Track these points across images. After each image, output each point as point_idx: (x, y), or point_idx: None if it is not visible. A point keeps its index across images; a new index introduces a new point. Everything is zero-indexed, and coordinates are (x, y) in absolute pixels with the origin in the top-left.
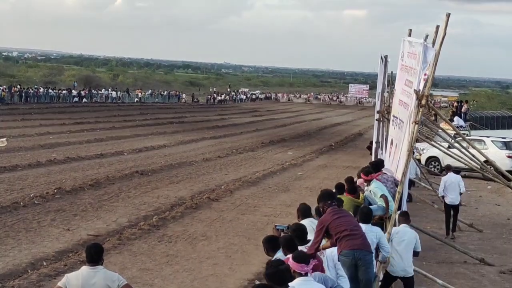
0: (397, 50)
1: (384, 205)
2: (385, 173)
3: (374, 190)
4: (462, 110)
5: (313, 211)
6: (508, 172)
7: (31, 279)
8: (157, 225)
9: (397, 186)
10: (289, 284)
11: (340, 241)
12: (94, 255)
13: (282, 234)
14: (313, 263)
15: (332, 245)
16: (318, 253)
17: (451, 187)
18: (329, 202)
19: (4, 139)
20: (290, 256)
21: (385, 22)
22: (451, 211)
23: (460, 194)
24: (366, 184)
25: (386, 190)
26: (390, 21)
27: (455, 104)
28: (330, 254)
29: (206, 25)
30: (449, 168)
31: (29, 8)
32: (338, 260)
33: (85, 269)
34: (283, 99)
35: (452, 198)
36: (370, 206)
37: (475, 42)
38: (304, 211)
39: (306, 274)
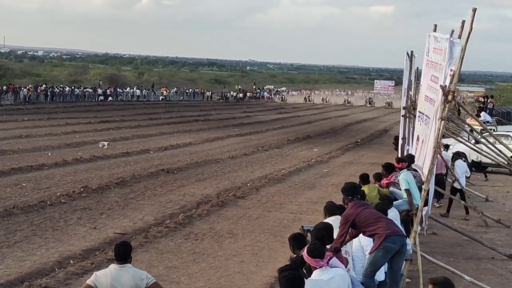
0: (424, 46)
1: (408, 199)
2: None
3: (401, 181)
4: (488, 105)
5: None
6: None
7: (59, 277)
8: (183, 223)
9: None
10: (309, 278)
11: (381, 229)
12: (123, 253)
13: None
14: (328, 256)
15: (352, 237)
16: (344, 254)
17: (461, 173)
18: (350, 197)
19: (106, 143)
20: (304, 250)
21: (412, 18)
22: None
23: (467, 178)
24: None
25: (414, 183)
26: (417, 16)
27: (481, 99)
28: (361, 250)
29: (232, 23)
30: (459, 155)
31: (55, 8)
32: (380, 247)
33: (113, 267)
34: (276, 99)
35: (462, 182)
36: (396, 202)
37: (501, 37)
38: (331, 209)
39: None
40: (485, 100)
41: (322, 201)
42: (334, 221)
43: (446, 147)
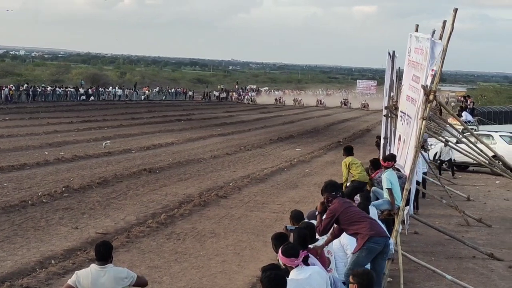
0: (405, 46)
1: (389, 199)
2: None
3: (384, 180)
4: (469, 105)
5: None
6: None
7: (40, 277)
8: (165, 223)
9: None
10: (289, 278)
11: (365, 229)
12: (104, 253)
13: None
14: (303, 255)
15: (334, 237)
16: (326, 254)
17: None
18: (334, 193)
19: (108, 141)
20: (279, 251)
21: (394, 18)
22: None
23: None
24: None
25: (397, 183)
26: (400, 16)
27: (461, 99)
28: (341, 249)
29: (215, 23)
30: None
31: (37, 7)
32: (364, 247)
33: (94, 267)
34: (245, 99)
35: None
36: (376, 201)
37: (484, 37)
38: (297, 217)
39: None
40: (465, 100)
41: (304, 200)
42: None
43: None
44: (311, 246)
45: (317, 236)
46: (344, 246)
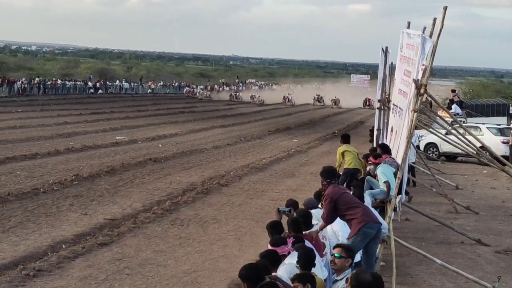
0: (398, 42)
1: (386, 190)
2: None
3: (380, 175)
4: (454, 99)
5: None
6: (502, 157)
7: (51, 261)
8: (170, 209)
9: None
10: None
11: (360, 215)
12: None
13: (284, 216)
14: (291, 241)
15: (327, 224)
16: (321, 239)
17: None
18: (329, 180)
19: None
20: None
21: (387, 16)
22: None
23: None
24: (373, 166)
25: (392, 175)
26: (392, 14)
27: (451, 93)
28: (334, 236)
29: (217, 20)
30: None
31: (48, 5)
32: (359, 233)
33: None
34: (198, 94)
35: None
36: (372, 190)
37: (472, 34)
38: (292, 206)
39: (288, 253)
40: (456, 94)
41: (301, 188)
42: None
43: None
44: (306, 232)
45: (313, 222)
46: (336, 233)
